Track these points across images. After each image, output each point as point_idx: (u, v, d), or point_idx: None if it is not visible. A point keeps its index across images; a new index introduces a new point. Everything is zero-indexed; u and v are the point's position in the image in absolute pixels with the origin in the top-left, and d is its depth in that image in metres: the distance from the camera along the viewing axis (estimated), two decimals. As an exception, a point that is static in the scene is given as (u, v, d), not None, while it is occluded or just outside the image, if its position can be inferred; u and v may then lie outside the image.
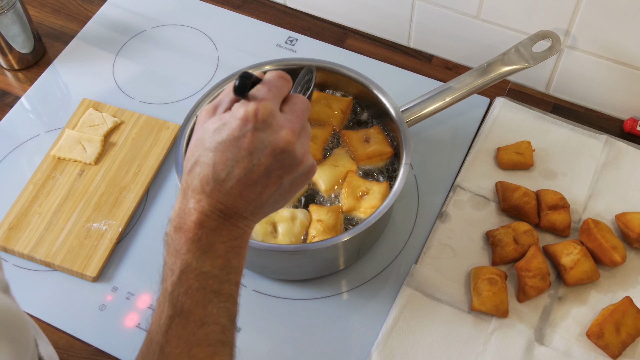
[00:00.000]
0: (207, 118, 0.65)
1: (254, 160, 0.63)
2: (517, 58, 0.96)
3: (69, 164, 1.03)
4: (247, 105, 0.63)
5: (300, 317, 0.92)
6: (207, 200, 0.63)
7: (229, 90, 0.66)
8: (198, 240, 0.62)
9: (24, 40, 1.13)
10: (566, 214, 0.95)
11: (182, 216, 0.63)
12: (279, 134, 0.63)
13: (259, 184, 0.64)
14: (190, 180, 0.64)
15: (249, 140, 0.62)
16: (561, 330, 0.89)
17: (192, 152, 0.64)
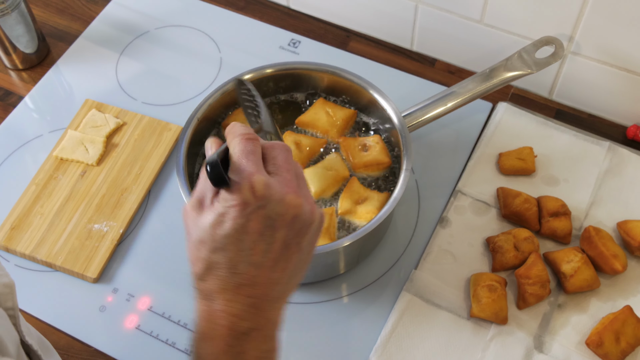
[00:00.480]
0: (196, 216, 0.60)
1: (267, 239, 0.58)
2: (520, 64, 0.96)
3: (71, 165, 1.04)
4: (240, 188, 0.57)
5: (298, 322, 0.92)
6: (234, 297, 0.58)
7: (205, 179, 0.60)
8: (229, 349, 0.58)
9: (28, 40, 1.13)
10: (567, 221, 0.95)
11: (210, 320, 0.59)
12: (284, 201, 0.58)
13: (281, 260, 0.60)
14: (210, 285, 0.59)
15: (255, 222, 0.58)
16: (560, 338, 0.89)
17: (197, 256, 0.59)
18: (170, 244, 0.98)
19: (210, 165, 0.57)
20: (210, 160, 0.57)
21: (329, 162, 0.95)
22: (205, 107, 0.95)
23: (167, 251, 0.97)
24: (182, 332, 0.91)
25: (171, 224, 1.00)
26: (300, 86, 1.01)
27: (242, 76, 0.87)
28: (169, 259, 0.97)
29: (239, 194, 0.57)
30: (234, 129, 0.63)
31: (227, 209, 0.58)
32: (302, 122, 0.99)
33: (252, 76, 0.97)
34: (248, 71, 0.97)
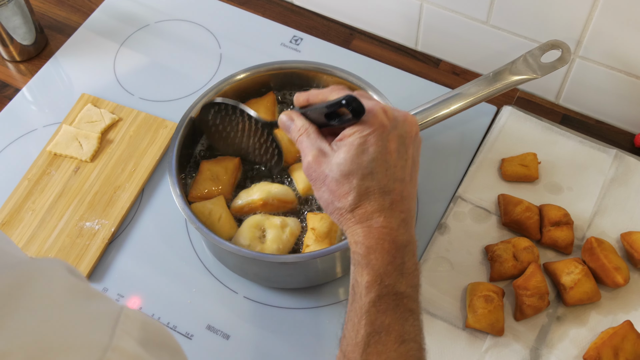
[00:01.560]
0: (326, 160, 0.66)
1: (404, 155, 0.66)
2: (525, 68, 0.93)
3: (64, 160, 1.02)
4: (374, 114, 0.64)
5: (293, 327, 0.90)
6: (391, 213, 0.65)
7: (308, 135, 0.68)
8: (393, 260, 0.64)
9: (25, 32, 1.12)
10: (569, 231, 0.92)
11: (372, 237, 0.64)
12: (408, 120, 0.67)
13: (413, 173, 0.67)
14: (364, 210, 0.65)
15: (392, 142, 0.65)
16: (558, 351, 0.87)
17: (344, 190, 0.65)
18: (163, 243, 0.96)
19: (350, 100, 0.63)
20: (349, 96, 0.64)
21: None
22: (200, 106, 0.93)
23: (159, 251, 0.96)
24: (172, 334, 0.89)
25: (164, 223, 0.98)
26: (299, 85, 0.99)
27: (212, 98, 0.91)
28: (161, 258, 0.95)
29: (375, 119, 0.64)
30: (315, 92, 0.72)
31: (366, 136, 0.64)
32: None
33: (249, 74, 0.95)
34: (246, 69, 0.95)
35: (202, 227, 0.83)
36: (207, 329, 0.89)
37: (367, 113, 0.65)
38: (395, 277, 0.64)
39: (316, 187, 0.68)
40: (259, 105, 0.96)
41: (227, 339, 0.89)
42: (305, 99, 0.72)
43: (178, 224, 0.98)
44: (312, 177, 0.68)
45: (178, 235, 0.97)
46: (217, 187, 0.90)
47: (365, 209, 0.65)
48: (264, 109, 0.95)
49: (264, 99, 0.97)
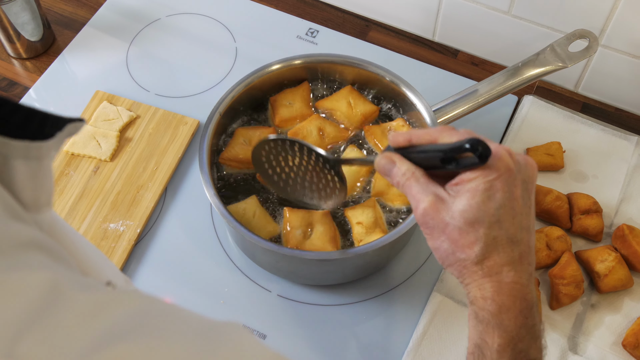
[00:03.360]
0: (445, 207, 0.61)
1: (527, 202, 0.62)
2: (553, 58, 0.93)
3: (82, 160, 0.99)
4: (499, 158, 0.60)
5: (327, 324, 0.89)
6: (520, 267, 0.60)
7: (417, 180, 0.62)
8: (525, 321, 0.60)
9: (33, 27, 1.08)
10: (599, 219, 0.93)
11: (502, 293, 0.60)
12: (529, 164, 0.63)
13: (532, 221, 0.63)
14: (492, 262, 0.60)
15: (518, 187, 0.61)
16: (595, 339, 0.87)
17: (470, 240, 0.60)
18: (190, 242, 0.94)
19: (476, 143, 0.58)
20: (474, 139, 0.59)
21: (349, 152, 0.92)
22: (228, 101, 0.91)
23: (186, 250, 0.94)
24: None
25: (190, 222, 0.96)
26: (323, 77, 0.97)
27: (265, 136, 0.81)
28: (189, 258, 0.93)
29: (501, 163, 0.60)
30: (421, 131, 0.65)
31: (492, 181, 0.59)
32: (322, 106, 0.96)
33: (280, 66, 0.93)
34: (276, 61, 0.93)
35: (239, 226, 0.82)
36: (242, 329, 0.88)
37: (492, 156, 0.59)
38: (528, 341, 0.60)
39: (433, 236, 0.62)
40: (295, 95, 0.94)
41: (264, 338, 0.87)
42: (406, 139, 0.65)
43: (204, 222, 0.96)
44: (428, 225, 0.62)
45: (205, 233, 0.95)
46: (247, 151, 0.90)
47: (494, 261, 0.60)
48: (300, 98, 0.94)
49: (299, 89, 0.95)
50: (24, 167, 0.44)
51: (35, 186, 0.46)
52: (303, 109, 0.94)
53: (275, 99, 0.95)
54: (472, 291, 0.62)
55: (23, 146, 0.44)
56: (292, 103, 0.94)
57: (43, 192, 0.47)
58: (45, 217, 0.48)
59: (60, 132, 0.45)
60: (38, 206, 0.47)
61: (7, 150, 0.43)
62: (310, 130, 0.92)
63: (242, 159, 0.90)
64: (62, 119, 0.46)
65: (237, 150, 0.91)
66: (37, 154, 0.45)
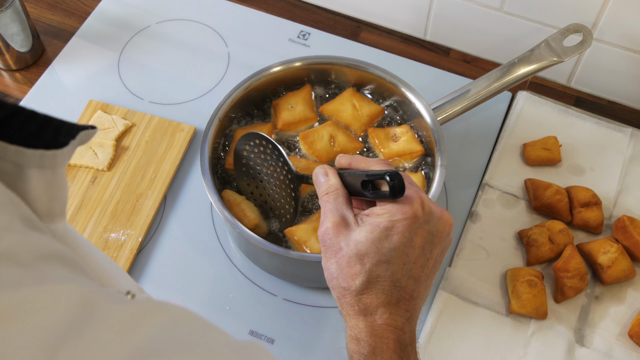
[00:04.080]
0: (346, 232, 0.61)
1: (427, 254, 0.61)
2: (549, 53, 0.93)
3: (80, 171, 0.98)
4: (410, 201, 0.60)
5: (335, 326, 0.88)
6: (396, 311, 0.60)
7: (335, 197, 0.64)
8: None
9: (23, 39, 1.06)
10: (599, 211, 0.94)
11: (375, 334, 0.60)
12: (444, 219, 0.62)
13: (431, 274, 0.63)
14: (370, 299, 0.60)
15: (420, 237, 0.60)
16: (601, 330, 0.88)
17: (354, 271, 0.60)
18: (192, 249, 0.94)
19: (394, 175, 0.59)
20: (394, 172, 0.60)
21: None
22: (227, 106, 0.90)
23: (190, 257, 0.93)
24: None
25: (191, 228, 0.95)
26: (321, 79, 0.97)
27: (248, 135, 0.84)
28: (193, 265, 0.92)
29: (410, 207, 0.60)
30: (359, 158, 0.68)
31: (395, 222, 0.60)
32: (326, 110, 0.95)
33: (280, 69, 0.93)
34: (276, 64, 0.93)
35: (246, 230, 0.81)
36: (250, 335, 0.87)
37: (405, 198, 0.61)
38: None
39: (326, 256, 0.63)
40: (296, 98, 0.94)
41: (272, 343, 0.87)
42: (347, 162, 0.68)
43: (206, 228, 0.95)
44: (325, 244, 0.63)
45: (207, 239, 0.94)
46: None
47: (370, 299, 0.60)
48: (302, 101, 0.94)
49: (301, 91, 0.95)
50: (39, 176, 0.44)
51: (50, 196, 0.45)
52: (306, 111, 0.94)
53: (277, 102, 0.94)
54: (348, 329, 0.62)
55: (38, 155, 0.43)
56: (294, 106, 0.94)
57: (57, 202, 0.46)
58: (59, 227, 0.47)
59: (73, 140, 0.44)
60: (52, 216, 0.46)
61: (22, 160, 0.42)
62: (322, 135, 0.92)
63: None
64: (75, 127, 0.45)
65: None
66: (51, 163, 0.44)
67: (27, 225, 0.42)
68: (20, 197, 0.43)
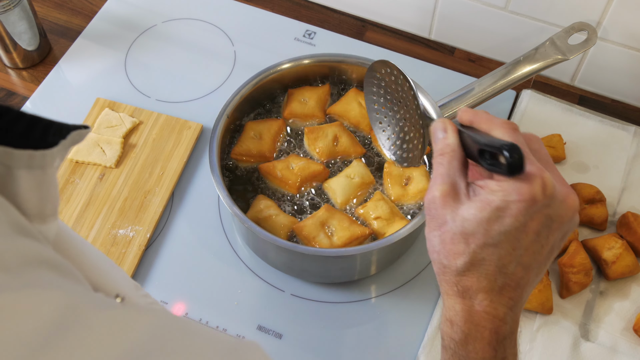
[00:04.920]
0: (454, 205, 0.56)
1: (542, 240, 0.55)
2: (553, 51, 0.94)
3: (87, 168, 0.99)
4: (530, 181, 0.53)
5: (342, 321, 0.89)
6: (498, 299, 0.56)
7: (450, 160, 0.57)
8: (495, 354, 0.56)
9: (30, 37, 1.07)
10: (603, 208, 0.95)
11: (471, 321, 0.56)
12: (567, 203, 0.56)
13: (543, 262, 0.57)
14: (471, 282, 0.56)
15: (537, 221, 0.54)
16: (605, 325, 0.89)
17: (456, 249, 0.56)
18: (200, 245, 0.94)
19: (514, 150, 0.53)
20: (511, 145, 0.53)
21: (353, 170, 0.91)
22: (235, 102, 0.91)
23: (197, 253, 0.94)
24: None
25: (199, 225, 0.96)
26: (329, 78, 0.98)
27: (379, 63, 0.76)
28: (200, 261, 0.93)
29: (528, 189, 0.53)
30: (484, 117, 0.59)
31: (509, 203, 0.54)
32: (334, 112, 0.96)
33: (289, 66, 0.94)
34: (286, 60, 0.94)
35: (255, 226, 0.82)
36: (258, 330, 0.88)
37: (524, 176, 0.54)
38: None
39: (430, 226, 0.58)
40: (312, 94, 0.95)
41: (280, 338, 0.87)
42: (470, 119, 0.61)
43: (213, 224, 0.96)
44: (430, 212, 0.58)
45: (214, 236, 0.95)
46: (259, 145, 0.91)
47: (471, 282, 0.56)
48: (316, 98, 0.95)
49: (319, 89, 0.96)
50: (28, 177, 0.43)
51: (41, 197, 0.44)
52: (315, 109, 0.95)
53: (293, 92, 0.96)
54: (444, 306, 0.59)
55: (26, 155, 0.42)
56: (307, 100, 0.95)
57: (48, 203, 0.46)
58: (51, 227, 0.47)
59: (64, 140, 0.44)
60: (43, 217, 0.45)
61: (10, 161, 0.41)
62: (327, 134, 0.92)
63: (255, 153, 0.91)
64: (65, 126, 0.44)
65: (249, 144, 0.91)
66: (40, 163, 0.43)
67: (15, 230, 0.41)
68: (10, 199, 0.42)
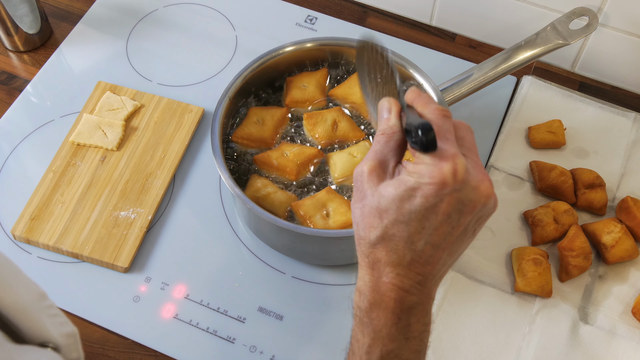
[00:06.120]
0: (377, 181, 0.59)
1: (453, 222, 0.57)
2: (555, 36, 0.95)
3: (89, 150, 0.99)
4: (441, 166, 0.56)
5: (343, 303, 0.89)
6: (405, 272, 0.58)
7: (387, 140, 0.60)
8: (398, 321, 0.58)
9: (32, 20, 1.07)
10: (603, 193, 0.95)
11: (377, 291, 0.58)
12: (479, 189, 0.58)
13: (456, 243, 0.59)
14: (381, 254, 0.58)
15: (447, 204, 0.57)
16: (604, 308, 0.89)
17: (372, 223, 0.58)
18: (201, 228, 0.94)
19: (425, 128, 0.55)
20: (425, 124, 0.55)
21: (357, 149, 0.92)
22: (238, 85, 0.91)
23: (198, 236, 0.94)
24: (223, 319, 0.88)
25: (200, 207, 0.96)
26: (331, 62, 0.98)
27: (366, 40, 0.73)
28: (201, 243, 0.93)
29: (439, 173, 0.56)
30: (423, 100, 0.61)
31: (422, 184, 0.56)
32: (335, 94, 0.96)
33: (292, 49, 0.94)
34: (289, 44, 0.94)
35: (256, 207, 0.82)
36: (259, 311, 0.88)
37: (439, 159, 0.56)
38: (400, 341, 0.59)
39: (354, 198, 0.61)
40: (311, 79, 0.95)
41: (281, 319, 0.88)
42: (412, 99, 0.63)
43: (214, 207, 0.96)
44: (355, 185, 0.61)
45: (216, 218, 0.95)
46: (261, 130, 0.92)
47: (381, 255, 0.58)
48: (315, 82, 0.95)
49: (317, 73, 0.96)
50: None
51: None
52: (315, 93, 0.95)
53: (292, 79, 0.95)
54: (358, 276, 0.61)
55: None
56: (307, 86, 0.95)
57: None
58: None
59: None
60: None
61: None
62: (326, 119, 0.93)
63: (256, 137, 0.91)
64: None
65: (251, 128, 0.91)
66: None
67: None
68: None
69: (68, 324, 0.60)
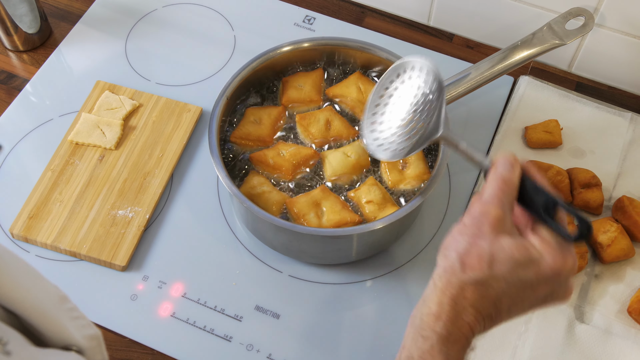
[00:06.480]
0: (500, 229, 0.61)
1: (533, 305, 0.63)
2: (551, 36, 0.95)
3: (87, 149, 0.99)
4: (566, 256, 0.61)
5: (339, 302, 0.90)
6: (481, 320, 0.61)
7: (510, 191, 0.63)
8: (464, 356, 0.62)
9: (31, 20, 1.08)
10: (599, 192, 0.96)
11: (455, 324, 0.61)
12: (568, 290, 0.64)
13: (520, 315, 0.64)
14: (469, 294, 0.60)
15: (545, 289, 0.62)
16: (600, 307, 0.90)
17: (478, 264, 0.60)
18: (199, 226, 0.95)
19: (587, 224, 0.61)
20: (587, 220, 0.61)
21: (351, 148, 0.92)
22: (235, 84, 0.92)
23: (196, 235, 0.94)
24: (220, 317, 0.88)
25: (198, 206, 0.96)
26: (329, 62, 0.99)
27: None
28: (199, 242, 0.94)
29: (562, 261, 0.61)
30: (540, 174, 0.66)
31: (542, 263, 0.61)
32: (332, 92, 0.97)
33: (289, 49, 0.94)
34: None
35: (253, 206, 0.83)
36: (256, 310, 0.89)
37: (564, 246, 0.62)
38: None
39: (464, 229, 0.63)
40: (306, 79, 0.95)
41: (278, 318, 0.88)
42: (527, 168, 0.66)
43: (212, 206, 0.96)
44: (474, 221, 0.62)
45: (213, 217, 0.96)
46: (258, 129, 0.92)
47: (469, 294, 0.61)
48: (311, 83, 0.95)
49: (313, 73, 0.97)
50: None
51: None
52: (312, 93, 0.95)
53: (287, 80, 0.96)
54: (430, 298, 0.62)
55: None
56: (303, 86, 0.95)
57: None
58: None
59: None
60: None
61: None
62: (319, 119, 0.93)
63: (254, 136, 0.92)
64: None
65: (249, 128, 0.92)
66: None
67: None
68: None
69: (91, 326, 0.59)
